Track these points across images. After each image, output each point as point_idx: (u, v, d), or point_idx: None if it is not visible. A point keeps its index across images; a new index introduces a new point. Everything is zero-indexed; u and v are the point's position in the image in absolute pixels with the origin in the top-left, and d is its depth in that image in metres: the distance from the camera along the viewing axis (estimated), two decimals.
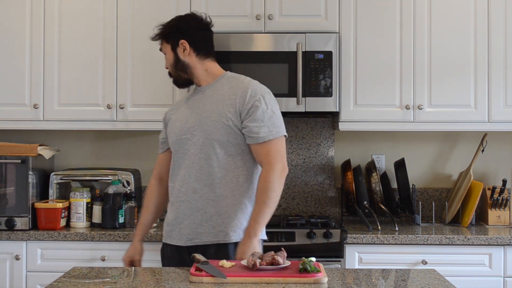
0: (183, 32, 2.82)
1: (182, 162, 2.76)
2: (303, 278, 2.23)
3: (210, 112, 2.72)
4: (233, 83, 2.76)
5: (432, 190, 3.96)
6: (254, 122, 2.65)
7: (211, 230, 2.68)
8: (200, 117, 2.74)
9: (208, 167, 2.69)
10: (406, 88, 3.61)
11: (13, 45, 3.68)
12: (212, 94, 2.77)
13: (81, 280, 2.30)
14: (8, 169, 3.53)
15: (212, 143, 2.69)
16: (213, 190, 2.68)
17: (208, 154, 2.69)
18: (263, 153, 2.64)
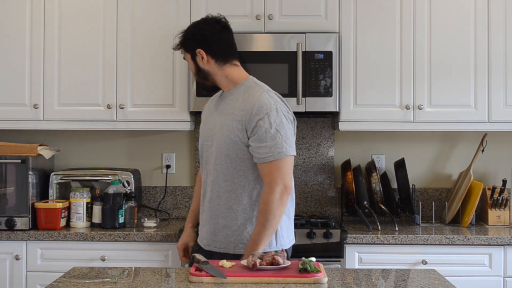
0: (198, 41, 2.79)
1: (205, 166, 2.83)
2: (303, 278, 2.23)
3: (223, 125, 2.72)
4: (246, 95, 2.72)
5: (432, 190, 3.96)
6: (256, 142, 2.63)
7: (222, 240, 2.72)
8: (216, 127, 2.75)
9: (219, 180, 2.72)
10: (406, 88, 3.61)
11: (13, 45, 3.68)
12: (229, 104, 2.75)
13: (81, 280, 2.30)
14: (8, 169, 3.53)
15: (222, 157, 2.70)
16: (223, 203, 2.72)
17: (220, 167, 2.71)
18: (264, 174, 2.64)
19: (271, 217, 2.60)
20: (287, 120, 2.68)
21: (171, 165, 3.98)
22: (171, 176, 4.00)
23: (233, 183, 2.69)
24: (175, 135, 3.99)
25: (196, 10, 3.63)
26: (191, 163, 3.99)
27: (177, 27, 3.62)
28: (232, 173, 2.68)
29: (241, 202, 2.68)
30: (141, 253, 3.40)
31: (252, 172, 2.67)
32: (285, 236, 2.73)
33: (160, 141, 4.01)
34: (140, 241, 3.40)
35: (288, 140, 2.64)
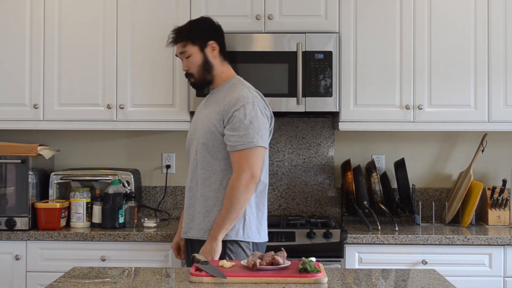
0: (211, 33, 2.97)
1: (189, 160, 2.98)
2: (303, 278, 2.23)
3: (204, 117, 2.90)
4: (229, 90, 2.90)
5: (432, 190, 3.96)
6: (230, 131, 2.78)
7: (197, 226, 2.86)
8: (199, 121, 2.93)
9: (197, 168, 2.89)
10: (406, 88, 3.61)
11: (13, 45, 3.68)
12: (213, 99, 2.94)
13: (81, 280, 2.30)
14: (8, 169, 3.53)
15: (201, 146, 2.87)
16: (199, 190, 2.86)
17: (199, 156, 2.88)
18: (234, 161, 2.78)
19: (235, 202, 2.73)
20: (262, 115, 2.83)
21: (171, 165, 3.99)
22: (171, 176, 4.00)
23: (208, 170, 2.84)
24: (175, 135, 3.99)
25: (196, 10, 3.63)
26: None
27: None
28: (208, 161, 2.83)
29: (214, 189, 2.82)
30: (141, 253, 3.40)
31: (227, 162, 2.82)
32: (254, 230, 2.83)
33: (160, 141, 4.01)
34: (140, 241, 3.40)
35: (260, 132, 2.79)
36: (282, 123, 3.97)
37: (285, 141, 3.97)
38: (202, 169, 2.85)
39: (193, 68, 2.94)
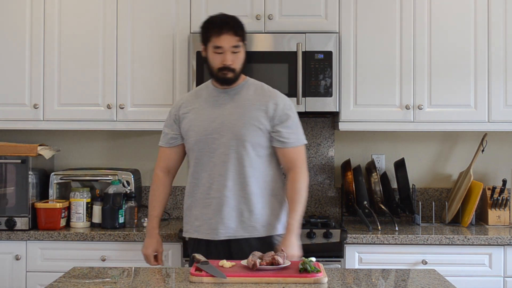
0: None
1: (208, 160, 2.87)
2: (303, 278, 2.23)
3: (241, 115, 2.86)
4: (259, 90, 2.93)
5: (432, 190, 3.96)
6: (286, 129, 2.87)
7: (242, 225, 2.83)
8: (229, 119, 2.86)
9: (240, 166, 2.84)
10: (406, 88, 3.61)
11: (13, 45, 3.68)
12: (239, 97, 2.91)
13: (81, 280, 2.30)
14: (8, 169, 3.53)
15: (244, 144, 2.83)
16: (244, 188, 2.84)
17: (240, 154, 2.84)
18: (292, 158, 2.89)
19: (304, 196, 2.86)
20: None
21: None
22: None
23: (253, 168, 2.85)
24: None
25: (196, 10, 3.63)
26: None
27: (177, 27, 3.64)
28: (253, 159, 2.85)
29: (260, 186, 2.86)
30: (141, 253, 3.39)
31: (268, 159, 2.89)
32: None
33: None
34: (140, 241, 3.40)
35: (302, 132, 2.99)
36: None
37: None
38: (249, 167, 2.83)
39: (237, 64, 2.87)
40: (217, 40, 2.84)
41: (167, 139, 3.01)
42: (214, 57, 2.86)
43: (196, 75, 3.56)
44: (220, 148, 2.85)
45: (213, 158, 2.86)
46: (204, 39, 2.90)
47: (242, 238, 2.82)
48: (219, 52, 2.84)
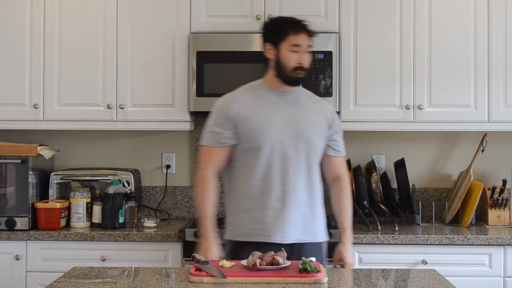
0: None
1: (278, 163, 2.79)
2: (303, 278, 2.23)
3: (308, 120, 2.85)
4: (312, 97, 2.96)
5: (432, 190, 3.96)
6: (340, 138, 2.95)
7: (304, 229, 2.83)
8: (299, 123, 2.83)
9: (309, 172, 2.83)
10: (406, 88, 3.61)
11: (13, 45, 3.68)
12: (300, 103, 2.88)
13: (81, 280, 2.30)
14: (8, 169, 3.53)
15: (313, 149, 2.84)
16: (310, 193, 2.85)
17: (310, 159, 2.83)
18: (341, 167, 2.96)
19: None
20: None
21: (171, 165, 3.98)
22: (171, 176, 4.00)
23: (316, 174, 2.89)
24: (175, 135, 3.99)
25: (196, 10, 3.63)
26: (191, 163, 3.99)
27: (177, 27, 3.64)
28: (316, 166, 2.88)
29: (318, 192, 2.90)
30: (141, 253, 3.40)
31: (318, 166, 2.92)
32: None
33: (160, 141, 4.01)
34: (140, 241, 3.40)
35: None
36: None
37: None
38: (315, 172, 2.86)
39: (307, 64, 2.84)
40: (296, 38, 2.78)
41: (219, 139, 2.80)
42: (290, 56, 2.78)
43: (196, 75, 3.56)
44: (291, 152, 2.79)
45: (285, 161, 2.78)
46: (277, 38, 2.80)
47: (305, 243, 2.82)
48: (296, 50, 2.78)
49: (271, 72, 2.85)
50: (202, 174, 2.82)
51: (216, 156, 2.82)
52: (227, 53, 3.56)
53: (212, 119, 2.84)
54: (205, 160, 2.83)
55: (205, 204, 2.82)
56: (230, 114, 2.79)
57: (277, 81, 2.85)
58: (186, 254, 3.34)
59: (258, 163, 2.78)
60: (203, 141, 2.83)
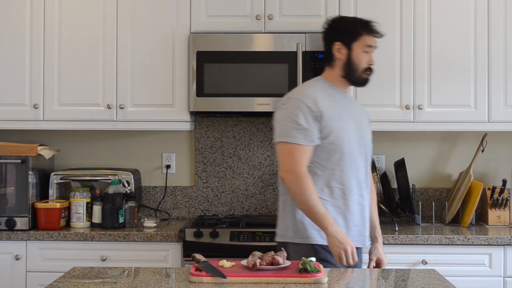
0: None
1: (355, 165, 2.75)
2: (303, 278, 2.23)
3: (365, 124, 2.89)
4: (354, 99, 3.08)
5: (432, 190, 3.95)
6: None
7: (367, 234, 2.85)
8: (361, 126, 2.84)
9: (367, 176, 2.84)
10: (406, 88, 3.61)
11: (13, 45, 3.68)
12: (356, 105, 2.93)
13: (81, 280, 2.30)
14: (8, 169, 3.53)
15: (370, 153, 2.87)
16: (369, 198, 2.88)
17: (368, 162, 2.85)
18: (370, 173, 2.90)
19: None
20: None
21: (171, 165, 3.98)
22: (171, 176, 4.00)
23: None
24: (175, 135, 3.99)
25: (196, 10, 3.63)
26: (191, 163, 3.99)
27: (177, 27, 3.64)
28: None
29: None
30: (141, 253, 3.40)
31: None
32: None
33: (160, 141, 4.01)
34: (140, 241, 3.40)
35: None
36: None
37: None
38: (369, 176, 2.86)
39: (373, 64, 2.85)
40: (369, 39, 2.78)
41: (308, 136, 2.65)
42: (362, 56, 2.77)
43: (196, 75, 3.56)
44: (362, 155, 2.78)
45: (359, 164, 2.76)
46: (350, 37, 2.76)
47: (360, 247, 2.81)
48: (367, 51, 2.77)
49: (337, 71, 2.80)
50: (299, 172, 2.62)
51: (307, 154, 2.66)
52: (227, 53, 3.56)
53: (295, 114, 2.66)
54: (296, 158, 2.63)
55: (317, 200, 2.63)
56: (317, 112, 2.67)
57: (342, 81, 2.81)
58: (186, 254, 3.34)
59: (339, 165, 2.70)
60: (288, 138, 2.64)
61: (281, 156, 2.68)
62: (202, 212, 3.97)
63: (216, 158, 3.97)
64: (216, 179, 3.97)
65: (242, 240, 3.32)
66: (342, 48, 2.77)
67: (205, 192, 3.97)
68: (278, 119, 2.73)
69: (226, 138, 3.97)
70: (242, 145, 3.97)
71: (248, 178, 3.96)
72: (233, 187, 3.96)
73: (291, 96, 2.76)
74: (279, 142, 2.68)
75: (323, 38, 2.86)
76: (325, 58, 2.86)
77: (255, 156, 3.96)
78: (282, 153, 2.67)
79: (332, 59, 2.81)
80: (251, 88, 3.55)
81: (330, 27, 2.84)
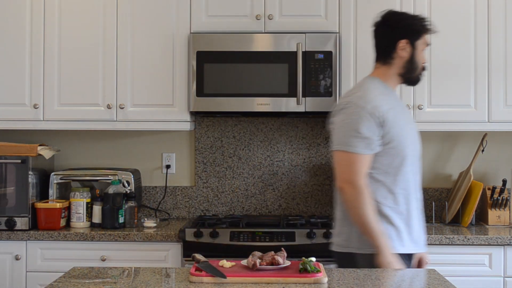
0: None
1: (414, 168, 2.71)
2: (303, 278, 2.23)
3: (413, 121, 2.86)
4: None
5: (432, 190, 3.95)
6: None
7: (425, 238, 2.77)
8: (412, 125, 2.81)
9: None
10: (406, 88, 3.61)
11: (13, 45, 3.68)
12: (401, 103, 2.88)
13: (81, 280, 2.30)
14: (8, 169, 3.53)
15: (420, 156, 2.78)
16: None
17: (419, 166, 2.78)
18: None
19: None
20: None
21: (171, 165, 3.98)
22: (171, 176, 4.00)
23: None
24: (175, 135, 4.00)
25: (196, 10, 3.63)
26: (191, 163, 3.99)
27: (177, 27, 3.64)
28: None
29: None
30: (141, 253, 3.40)
31: None
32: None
33: (160, 141, 4.01)
34: (140, 241, 3.40)
35: None
36: (282, 123, 3.97)
37: (285, 141, 3.97)
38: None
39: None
40: (427, 37, 2.72)
41: (368, 145, 2.57)
42: (422, 55, 2.71)
43: (196, 75, 3.56)
44: (417, 156, 2.75)
45: (416, 166, 2.72)
46: (416, 36, 2.68)
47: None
48: (424, 49, 2.73)
49: (394, 69, 2.70)
50: (359, 184, 2.54)
51: (367, 163, 2.57)
52: (227, 53, 3.56)
53: (356, 122, 2.57)
54: (356, 169, 2.54)
55: (373, 217, 2.55)
56: (380, 118, 2.57)
57: (396, 80, 2.72)
58: (186, 254, 3.34)
59: (402, 170, 2.62)
60: (348, 147, 2.56)
61: (339, 166, 2.59)
62: (202, 212, 3.97)
63: (216, 158, 3.97)
64: (216, 179, 3.97)
65: (242, 240, 3.32)
66: (408, 46, 2.67)
67: (205, 192, 3.97)
68: (336, 125, 2.64)
69: (226, 138, 3.97)
70: (242, 145, 3.97)
71: (248, 178, 3.96)
72: (233, 187, 3.97)
73: (350, 100, 2.63)
74: (338, 150, 2.60)
75: (382, 34, 2.74)
76: (379, 55, 2.74)
77: (255, 156, 3.96)
78: (340, 162, 2.59)
79: (390, 57, 2.69)
80: (251, 88, 3.55)
81: (393, 23, 2.73)
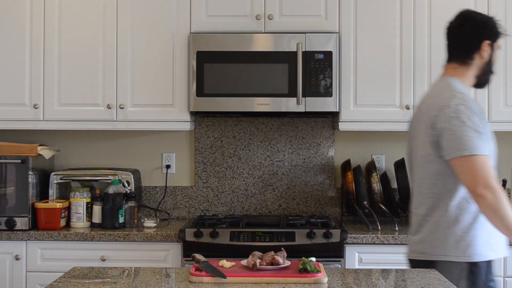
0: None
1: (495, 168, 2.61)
2: (303, 278, 2.23)
3: None
4: None
5: None
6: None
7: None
8: None
9: None
10: (406, 88, 3.61)
11: (13, 45, 3.68)
12: None
13: (81, 280, 2.30)
14: (8, 169, 3.53)
15: None
16: None
17: None
18: None
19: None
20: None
21: (171, 165, 3.98)
22: (171, 176, 4.00)
23: None
24: (175, 135, 4.00)
25: (196, 10, 3.63)
26: (191, 163, 3.99)
27: (177, 27, 3.64)
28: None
29: None
30: (141, 253, 3.40)
31: None
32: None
33: (160, 141, 4.01)
34: (140, 241, 3.40)
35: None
36: (282, 123, 3.97)
37: (285, 141, 3.97)
38: None
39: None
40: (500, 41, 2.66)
41: (490, 147, 2.57)
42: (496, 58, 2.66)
43: (196, 75, 3.56)
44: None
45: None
46: (496, 37, 2.63)
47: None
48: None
49: (473, 70, 2.62)
50: (496, 187, 2.48)
51: (491, 165, 2.53)
52: (227, 53, 3.56)
53: (475, 124, 2.48)
54: (489, 171, 2.49)
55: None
56: (485, 117, 2.57)
57: (471, 81, 2.64)
58: (186, 254, 3.34)
59: (495, 170, 2.57)
60: (477, 150, 2.47)
61: (471, 171, 2.48)
62: (202, 212, 3.97)
63: (216, 158, 3.97)
64: (216, 179, 3.97)
65: (242, 240, 3.32)
66: (489, 48, 2.61)
67: (205, 192, 3.97)
68: (453, 130, 2.49)
69: (226, 138, 3.97)
70: (242, 145, 3.97)
71: (248, 178, 3.96)
72: (233, 187, 3.97)
73: (457, 103, 2.51)
74: (465, 156, 2.47)
75: (464, 33, 2.67)
76: (457, 55, 2.66)
77: (255, 156, 3.96)
78: (471, 167, 2.48)
79: (470, 57, 2.61)
80: (251, 88, 3.55)
81: (478, 23, 2.65)
